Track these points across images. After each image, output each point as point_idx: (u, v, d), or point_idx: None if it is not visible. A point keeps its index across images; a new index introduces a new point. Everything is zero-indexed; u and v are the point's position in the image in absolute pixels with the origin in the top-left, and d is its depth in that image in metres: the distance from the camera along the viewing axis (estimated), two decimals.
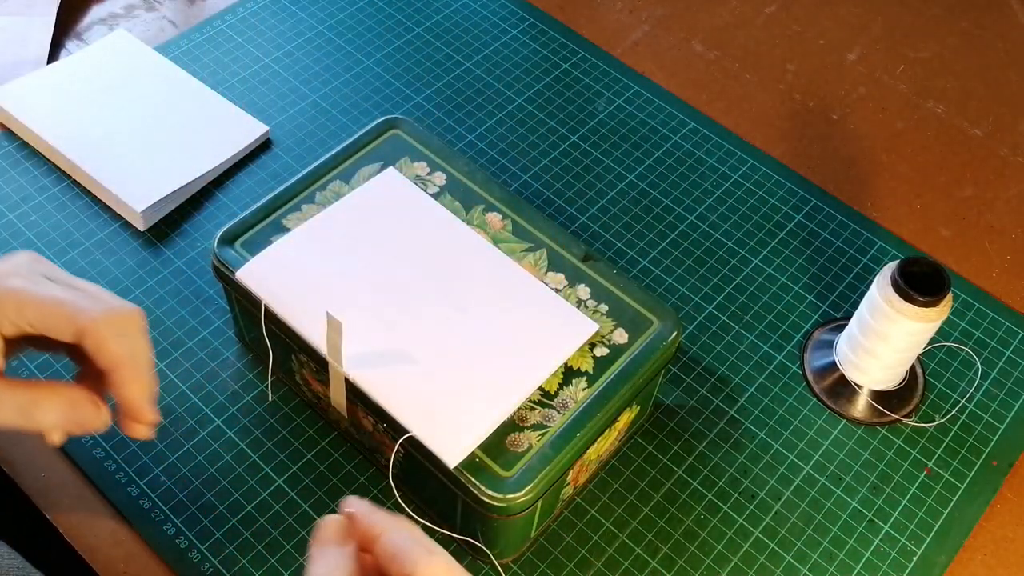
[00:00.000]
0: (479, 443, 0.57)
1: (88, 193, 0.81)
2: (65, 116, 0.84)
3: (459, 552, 0.65)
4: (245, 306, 0.66)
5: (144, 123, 0.84)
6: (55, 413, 0.48)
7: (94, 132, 0.83)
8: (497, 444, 0.58)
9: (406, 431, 0.58)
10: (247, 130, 0.85)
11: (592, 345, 0.62)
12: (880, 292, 0.67)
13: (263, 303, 0.62)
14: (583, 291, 0.65)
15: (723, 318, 0.78)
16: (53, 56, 0.91)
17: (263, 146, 0.85)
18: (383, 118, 0.73)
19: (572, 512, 0.67)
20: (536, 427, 0.59)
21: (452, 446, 0.57)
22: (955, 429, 0.73)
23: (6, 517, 0.70)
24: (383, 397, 0.59)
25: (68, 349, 0.50)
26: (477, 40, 0.96)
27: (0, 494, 0.68)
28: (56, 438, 0.50)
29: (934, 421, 0.73)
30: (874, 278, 0.69)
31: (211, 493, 0.66)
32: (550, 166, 0.87)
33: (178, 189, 0.79)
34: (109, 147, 0.82)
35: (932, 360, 0.77)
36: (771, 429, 0.72)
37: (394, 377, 0.59)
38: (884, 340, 0.68)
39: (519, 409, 0.59)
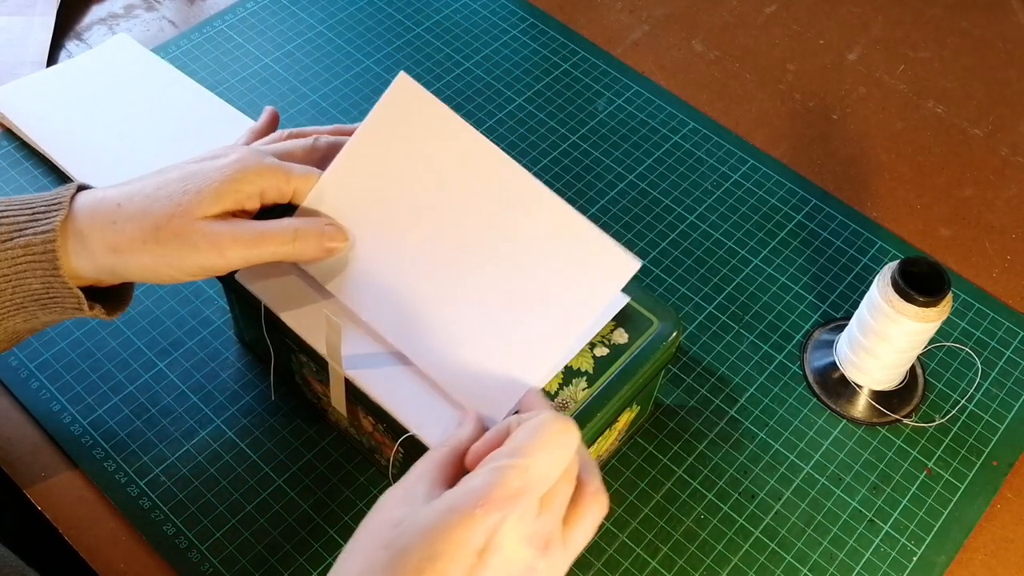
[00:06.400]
0: None
1: None
2: (59, 123, 0.83)
3: None
4: (245, 306, 0.66)
5: (142, 132, 0.84)
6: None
7: (87, 141, 0.82)
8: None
9: (406, 431, 0.58)
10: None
11: (592, 345, 0.62)
12: (880, 292, 0.67)
13: (263, 303, 0.62)
14: None
15: (723, 318, 0.78)
16: (53, 56, 0.91)
17: None
18: None
19: None
20: None
21: None
22: (955, 429, 0.73)
23: (6, 517, 0.70)
24: (383, 397, 0.59)
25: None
26: (477, 40, 0.96)
27: (0, 494, 0.68)
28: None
29: (934, 421, 0.73)
30: (874, 278, 0.69)
31: (211, 493, 0.66)
32: (550, 166, 0.87)
33: None
34: (101, 157, 0.81)
35: (932, 360, 0.77)
36: (771, 429, 0.72)
37: (394, 377, 0.59)
38: (884, 340, 0.68)
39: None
